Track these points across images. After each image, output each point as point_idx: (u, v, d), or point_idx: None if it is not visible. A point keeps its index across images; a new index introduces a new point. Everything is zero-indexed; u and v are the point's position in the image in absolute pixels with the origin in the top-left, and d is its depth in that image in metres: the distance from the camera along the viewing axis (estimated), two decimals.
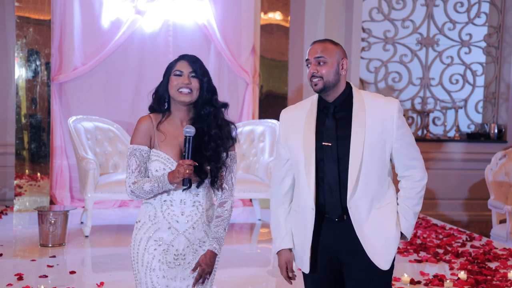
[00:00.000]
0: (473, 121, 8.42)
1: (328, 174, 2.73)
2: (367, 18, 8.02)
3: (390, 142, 2.74)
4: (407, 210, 2.79)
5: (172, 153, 2.73)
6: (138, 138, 2.74)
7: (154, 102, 2.80)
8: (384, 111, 2.74)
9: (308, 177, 2.74)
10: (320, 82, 2.73)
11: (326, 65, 2.73)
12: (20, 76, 6.91)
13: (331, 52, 2.74)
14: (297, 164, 2.79)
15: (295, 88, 7.87)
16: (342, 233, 2.75)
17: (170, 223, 2.74)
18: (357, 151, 2.69)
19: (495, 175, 6.54)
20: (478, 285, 4.65)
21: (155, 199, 2.75)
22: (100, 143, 6.55)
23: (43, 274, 4.68)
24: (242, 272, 5.09)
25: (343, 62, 2.77)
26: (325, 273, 2.80)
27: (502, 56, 8.33)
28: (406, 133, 2.77)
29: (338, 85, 2.77)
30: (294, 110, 2.90)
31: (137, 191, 2.70)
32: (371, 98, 2.79)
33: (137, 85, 7.33)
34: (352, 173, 2.69)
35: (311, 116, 2.80)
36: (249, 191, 6.27)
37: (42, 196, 6.93)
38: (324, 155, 2.73)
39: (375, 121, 2.72)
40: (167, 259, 2.75)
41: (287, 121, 2.89)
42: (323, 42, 2.78)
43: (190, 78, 2.72)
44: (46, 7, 6.92)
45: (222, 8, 7.46)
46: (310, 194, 2.74)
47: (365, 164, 2.69)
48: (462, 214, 8.17)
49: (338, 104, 2.78)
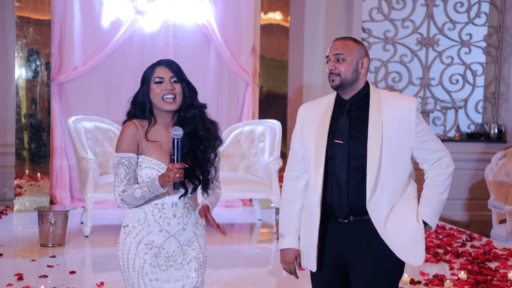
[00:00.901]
0: (473, 121, 8.42)
1: (337, 173, 2.70)
2: (367, 18, 8.02)
3: (409, 142, 2.71)
4: (431, 198, 2.75)
5: (162, 157, 2.70)
6: (124, 145, 2.69)
7: (135, 110, 2.75)
8: (402, 110, 2.70)
9: (316, 175, 2.71)
10: (337, 79, 2.71)
11: (344, 62, 2.71)
12: (20, 76, 6.91)
13: (351, 49, 2.72)
14: (308, 161, 2.76)
15: (295, 88, 7.87)
16: (349, 234, 2.72)
17: (162, 226, 2.73)
18: (375, 152, 2.65)
19: (495, 175, 6.54)
20: (478, 285, 4.65)
21: (146, 203, 2.72)
22: (100, 143, 6.55)
23: (43, 274, 4.68)
24: (242, 272, 5.09)
25: (363, 61, 2.74)
26: (332, 272, 2.78)
27: (502, 56, 8.33)
28: (424, 130, 2.74)
29: (356, 84, 2.74)
30: (312, 106, 2.87)
31: (128, 199, 2.65)
32: (389, 96, 2.76)
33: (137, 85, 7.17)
34: (371, 175, 2.65)
35: (326, 113, 2.77)
36: (249, 191, 6.27)
37: (42, 196, 6.93)
38: (335, 153, 2.70)
39: (392, 121, 2.69)
40: (158, 262, 2.73)
41: (303, 117, 2.85)
42: (344, 40, 2.76)
43: (172, 83, 2.69)
44: (46, 7, 6.92)
45: (222, 8, 7.46)
46: (316, 192, 2.71)
47: (383, 165, 2.65)
48: (462, 214, 8.17)
49: (354, 102, 2.75)
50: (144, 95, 2.73)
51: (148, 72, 2.75)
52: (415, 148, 2.73)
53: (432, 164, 2.79)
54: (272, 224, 6.36)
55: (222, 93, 7.51)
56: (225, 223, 6.62)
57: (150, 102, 2.73)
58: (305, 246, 2.81)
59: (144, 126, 2.73)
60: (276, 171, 6.38)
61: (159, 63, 2.75)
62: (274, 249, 5.85)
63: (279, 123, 6.75)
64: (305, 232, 2.80)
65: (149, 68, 2.76)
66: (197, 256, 2.80)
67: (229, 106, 7.56)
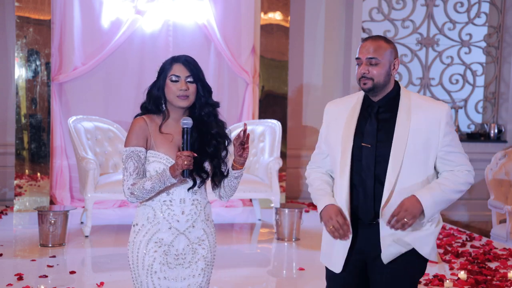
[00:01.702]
0: (473, 121, 8.42)
1: (364, 177, 2.64)
2: (367, 18, 8.02)
3: (435, 149, 2.62)
4: (436, 187, 2.61)
5: (170, 152, 2.72)
6: (134, 140, 2.71)
7: (149, 103, 2.78)
8: (431, 116, 2.61)
9: (342, 178, 2.65)
10: (370, 82, 2.63)
11: (378, 66, 2.63)
12: (20, 76, 6.91)
13: (384, 52, 2.64)
14: (334, 162, 2.71)
15: (295, 88, 7.88)
16: (372, 237, 2.67)
17: (171, 223, 2.74)
18: (398, 157, 2.58)
19: (495, 175, 6.53)
20: (478, 285, 4.65)
21: (153, 200, 2.74)
22: (100, 143, 6.55)
23: (43, 274, 4.68)
24: (242, 272, 5.09)
25: (395, 62, 2.68)
26: (354, 275, 2.73)
27: (502, 56, 8.33)
28: (453, 141, 2.64)
29: (387, 86, 2.68)
30: (339, 104, 2.79)
31: (137, 192, 2.67)
32: (419, 101, 2.67)
33: (137, 85, 7.32)
34: (390, 179, 2.59)
35: (353, 113, 2.69)
36: (249, 191, 6.27)
37: (42, 196, 6.93)
38: (362, 156, 2.64)
39: (420, 126, 2.60)
40: (167, 260, 2.75)
41: (330, 115, 2.78)
42: (377, 40, 2.67)
43: (186, 83, 2.71)
44: (46, 7, 6.92)
45: (222, 8, 7.46)
46: (342, 196, 2.65)
47: (404, 170, 2.58)
48: (462, 214, 8.17)
49: (383, 104, 2.68)
50: (159, 89, 2.75)
51: (166, 67, 2.75)
52: (439, 158, 2.64)
53: (451, 169, 2.68)
54: (272, 224, 6.36)
55: (222, 93, 7.51)
56: (225, 223, 6.62)
57: (165, 97, 2.75)
58: (328, 246, 2.75)
59: (154, 120, 2.76)
60: (276, 171, 6.38)
61: (178, 60, 2.74)
62: (274, 249, 5.85)
63: (279, 123, 6.75)
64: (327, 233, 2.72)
65: (168, 63, 2.76)
66: (206, 255, 2.80)
67: (229, 106, 7.56)
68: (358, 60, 2.68)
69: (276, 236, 5.99)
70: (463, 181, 2.68)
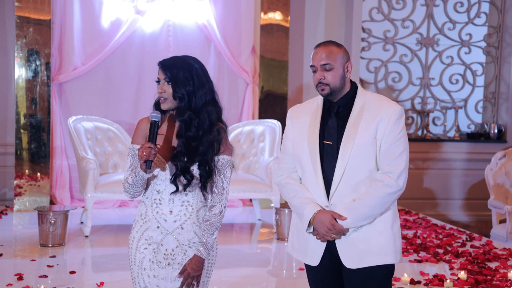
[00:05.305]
0: (473, 121, 8.42)
1: (328, 173, 2.75)
2: (367, 18, 8.02)
3: (379, 145, 2.72)
4: (359, 207, 2.70)
5: (161, 150, 2.72)
6: (135, 138, 2.79)
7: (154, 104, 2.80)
8: (381, 114, 2.72)
9: (316, 176, 2.76)
10: (327, 88, 2.74)
11: (332, 71, 2.73)
12: (20, 76, 6.91)
13: (336, 56, 2.73)
14: (301, 161, 2.81)
15: (295, 88, 7.87)
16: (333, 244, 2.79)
17: (159, 222, 2.75)
18: (346, 151, 2.70)
19: (495, 175, 6.53)
20: (478, 285, 4.65)
21: (148, 198, 2.77)
22: (100, 143, 6.55)
23: (43, 274, 4.68)
24: (242, 272, 5.09)
25: (347, 65, 2.77)
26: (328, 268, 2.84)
27: (502, 56, 8.33)
28: (396, 138, 2.70)
29: (344, 88, 2.79)
30: (301, 107, 2.92)
31: (125, 186, 2.74)
32: (373, 100, 2.78)
33: (137, 85, 7.32)
34: (338, 171, 2.71)
35: (316, 114, 2.81)
36: (249, 191, 6.27)
37: (42, 196, 6.93)
38: (325, 154, 2.76)
39: (370, 122, 2.71)
40: (157, 259, 2.75)
41: (293, 118, 2.89)
42: (328, 46, 2.76)
43: (162, 85, 2.70)
44: (46, 7, 6.92)
45: (222, 8, 7.46)
46: (320, 192, 2.76)
47: (351, 163, 2.69)
48: (462, 214, 8.17)
49: (343, 104, 2.79)
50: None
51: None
52: (380, 154, 2.71)
53: (383, 173, 2.73)
54: (272, 224, 6.36)
55: (222, 93, 7.50)
56: (225, 223, 6.62)
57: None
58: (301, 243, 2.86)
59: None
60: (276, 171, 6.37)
61: (158, 63, 2.75)
62: (274, 249, 5.85)
63: (279, 123, 6.75)
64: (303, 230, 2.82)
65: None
66: None
67: (229, 106, 7.56)
68: (312, 68, 2.78)
69: (276, 236, 5.99)
70: (384, 194, 2.70)
